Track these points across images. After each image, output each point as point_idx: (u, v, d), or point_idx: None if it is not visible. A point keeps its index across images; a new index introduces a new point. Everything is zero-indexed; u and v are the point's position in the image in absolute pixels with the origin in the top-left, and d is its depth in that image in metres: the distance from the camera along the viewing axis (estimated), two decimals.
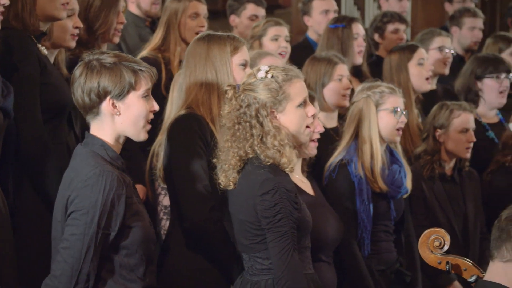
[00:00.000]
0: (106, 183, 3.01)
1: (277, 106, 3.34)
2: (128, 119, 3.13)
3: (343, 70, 4.76)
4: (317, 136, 3.79)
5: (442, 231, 3.10)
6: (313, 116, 3.46)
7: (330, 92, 4.72)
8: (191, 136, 3.66)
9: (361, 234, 4.20)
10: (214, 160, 3.44)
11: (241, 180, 3.34)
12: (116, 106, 3.11)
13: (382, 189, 4.24)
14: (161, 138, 3.91)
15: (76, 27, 4.11)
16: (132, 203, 3.10)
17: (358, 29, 5.43)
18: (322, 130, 3.81)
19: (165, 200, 4.25)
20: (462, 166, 4.84)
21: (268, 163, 3.30)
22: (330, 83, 4.71)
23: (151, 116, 3.20)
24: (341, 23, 5.40)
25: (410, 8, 11.58)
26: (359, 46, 5.40)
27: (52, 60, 4.06)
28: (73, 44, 4.12)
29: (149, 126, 3.20)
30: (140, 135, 3.18)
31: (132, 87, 3.11)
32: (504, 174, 4.96)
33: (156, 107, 3.20)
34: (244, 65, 3.80)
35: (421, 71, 5.20)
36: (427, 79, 5.21)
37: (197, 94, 3.73)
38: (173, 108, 3.89)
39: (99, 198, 3.00)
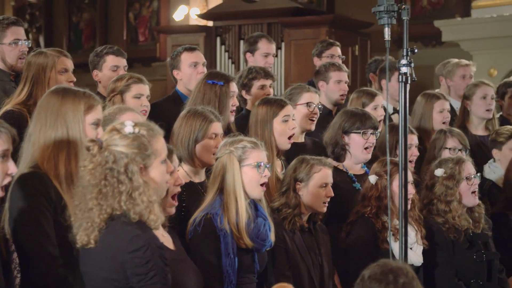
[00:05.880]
0: None
1: (146, 161, 3.35)
2: None
3: (217, 128, 4.75)
4: (178, 189, 3.81)
5: (289, 286, 3.16)
6: (171, 172, 3.51)
7: (202, 149, 4.69)
8: (35, 196, 3.62)
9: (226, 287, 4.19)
10: (72, 219, 3.39)
11: (105, 238, 3.30)
12: None
13: (247, 245, 4.25)
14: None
15: None
16: None
17: (234, 87, 5.46)
18: (182, 183, 3.82)
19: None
20: (316, 219, 4.89)
21: (135, 220, 3.29)
22: (204, 140, 4.70)
23: (8, 179, 3.16)
24: (220, 81, 5.39)
25: (283, 61, 11.90)
26: (233, 105, 5.43)
27: None
28: None
29: (2, 193, 3.16)
30: None
31: None
32: (363, 225, 5.00)
33: (12, 169, 3.15)
34: (97, 124, 3.78)
35: (284, 129, 5.21)
36: (289, 137, 5.23)
37: (45, 150, 3.68)
38: (21, 161, 3.81)
39: None
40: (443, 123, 6.53)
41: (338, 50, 7.61)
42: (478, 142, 6.58)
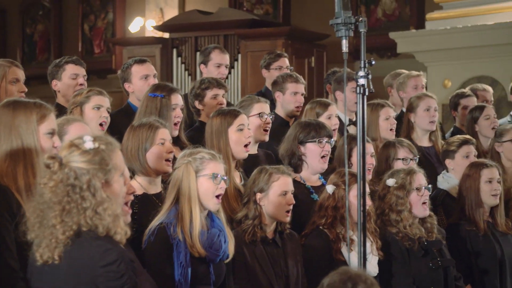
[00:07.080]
0: None
1: (107, 176, 3.29)
2: None
3: (165, 134, 4.75)
4: (131, 197, 3.78)
5: None
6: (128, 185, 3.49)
7: (153, 156, 4.68)
8: None
9: None
10: (33, 235, 3.32)
11: (71, 253, 3.23)
12: None
13: (200, 253, 4.25)
14: None
15: None
16: None
17: (177, 99, 5.44)
18: (135, 191, 3.80)
19: None
20: (283, 228, 4.86)
21: (103, 234, 3.24)
22: (153, 147, 4.69)
23: None
24: (161, 93, 5.39)
25: (240, 73, 11.95)
26: (176, 117, 5.41)
27: None
28: None
29: None
30: None
31: None
32: (317, 237, 4.99)
33: None
34: (52, 133, 3.76)
35: (240, 137, 5.19)
36: (245, 146, 5.21)
37: (2, 164, 3.65)
38: None
39: None
40: (390, 129, 6.60)
41: (286, 61, 7.61)
42: (423, 153, 6.65)
